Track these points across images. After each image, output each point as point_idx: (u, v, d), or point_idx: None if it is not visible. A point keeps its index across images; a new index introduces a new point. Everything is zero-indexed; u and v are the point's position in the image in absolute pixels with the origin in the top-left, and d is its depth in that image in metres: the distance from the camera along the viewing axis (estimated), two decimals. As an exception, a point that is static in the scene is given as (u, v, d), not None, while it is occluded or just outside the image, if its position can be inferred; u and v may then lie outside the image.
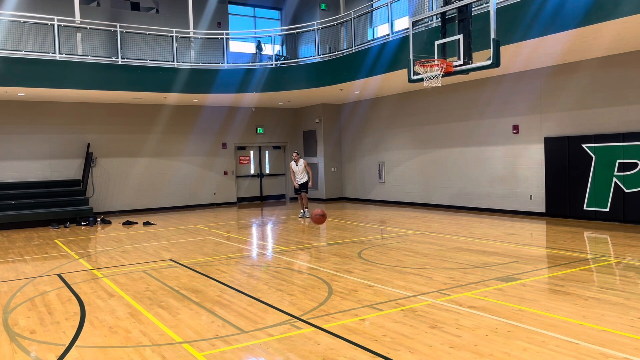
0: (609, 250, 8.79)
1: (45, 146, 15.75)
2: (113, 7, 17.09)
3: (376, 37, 16.05)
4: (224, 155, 18.99)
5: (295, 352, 4.48)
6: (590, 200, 11.71)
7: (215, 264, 8.45)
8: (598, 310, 5.37)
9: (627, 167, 11.04)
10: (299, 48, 18.52)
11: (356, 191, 19.06)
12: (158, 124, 17.50)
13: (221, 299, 6.30)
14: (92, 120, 16.41)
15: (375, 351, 4.42)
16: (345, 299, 6.10)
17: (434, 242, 9.89)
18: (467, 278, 6.91)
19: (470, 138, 14.58)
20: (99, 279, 7.59)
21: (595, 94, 11.70)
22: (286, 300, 6.13)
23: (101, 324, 5.45)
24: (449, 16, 8.83)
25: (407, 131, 16.69)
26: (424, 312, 5.48)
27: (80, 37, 13.83)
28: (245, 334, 4.98)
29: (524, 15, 9.66)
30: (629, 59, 11.05)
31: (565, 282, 6.55)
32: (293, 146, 20.52)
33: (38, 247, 10.80)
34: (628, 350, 4.28)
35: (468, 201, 14.69)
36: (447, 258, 8.30)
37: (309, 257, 8.82)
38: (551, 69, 12.43)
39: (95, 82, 13.76)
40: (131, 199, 17.08)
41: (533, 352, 4.29)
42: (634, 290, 6.10)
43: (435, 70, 8.70)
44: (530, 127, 13.02)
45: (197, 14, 16.53)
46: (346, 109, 19.23)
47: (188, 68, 14.88)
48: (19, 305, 6.28)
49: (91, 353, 4.63)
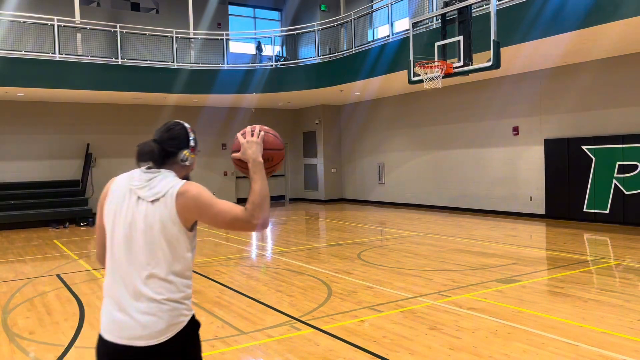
0: (608, 252, 8.78)
1: (45, 146, 15.74)
2: (113, 8, 17.09)
3: (376, 38, 16.06)
4: (224, 156, 18.98)
5: (295, 353, 4.47)
6: (590, 202, 11.70)
7: (215, 265, 8.45)
8: (598, 312, 5.36)
9: (627, 169, 11.04)
10: (299, 49, 18.52)
11: (356, 192, 19.05)
12: (158, 125, 17.09)
13: (220, 300, 6.29)
14: (91, 120, 16.39)
15: (375, 352, 4.41)
16: (344, 300, 6.09)
17: (434, 243, 9.88)
18: (467, 280, 6.90)
19: (470, 140, 14.58)
20: (98, 280, 7.58)
21: (596, 96, 11.71)
22: (286, 301, 6.12)
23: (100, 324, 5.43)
24: (449, 17, 8.84)
25: (406, 132, 16.69)
26: (424, 313, 5.47)
27: (80, 38, 13.83)
28: (245, 335, 4.97)
29: (524, 16, 9.66)
30: (629, 60, 11.05)
31: (565, 284, 6.55)
32: (293, 147, 20.52)
33: (37, 247, 10.79)
34: (627, 352, 4.27)
35: (468, 203, 14.69)
36: (446, 260, 8.30)
37: (309, 258, 8.81)
38: (551, 70, 12.43)
39: (95, 82, 13.75)
40: (131, 199, 17.03)
41: (532, 354, 4.28)
42: (633, 292, 6.10)
43: (435, 71, 8.70)
44: (530, 128, 13.02)
45: (197, 14, 16.52)
46: (346, 110, 19.23)
47: (188, 69, 14.88)
48: (18, 306, 6.27)
49: (90, 354, 4.62)
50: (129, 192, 2.19)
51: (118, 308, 2.13)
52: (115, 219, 2.18)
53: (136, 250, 2.12)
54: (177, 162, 2.28)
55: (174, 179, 2.20)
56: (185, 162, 2.29)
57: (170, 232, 2.11)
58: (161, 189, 2.15)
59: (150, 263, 2.11)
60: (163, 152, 2.24)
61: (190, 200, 2.13)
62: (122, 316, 2.11)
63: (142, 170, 2.23)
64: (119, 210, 2.18)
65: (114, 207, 2.20)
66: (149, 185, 2.17)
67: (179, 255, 2.14)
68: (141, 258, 2.12)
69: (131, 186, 2.20)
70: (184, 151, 2.30)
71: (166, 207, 2.12)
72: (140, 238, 2.12)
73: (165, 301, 2.10)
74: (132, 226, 2.13)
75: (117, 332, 2.12)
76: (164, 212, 2.12)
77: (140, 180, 2.19)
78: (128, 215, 2.15)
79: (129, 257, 2.13)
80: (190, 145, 2.32)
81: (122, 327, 2.11)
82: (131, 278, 2.11)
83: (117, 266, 2.15)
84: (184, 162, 2.29)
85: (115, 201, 2.21)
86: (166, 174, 2.20)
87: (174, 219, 2.11)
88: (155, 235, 2.11)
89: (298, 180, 20.60)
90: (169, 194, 2.13)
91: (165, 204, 2.12)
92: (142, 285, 2.10)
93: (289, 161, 20.60)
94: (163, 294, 2.10)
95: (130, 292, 2.11)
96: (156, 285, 2.10)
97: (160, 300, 2.10)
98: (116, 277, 2.15)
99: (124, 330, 2.11)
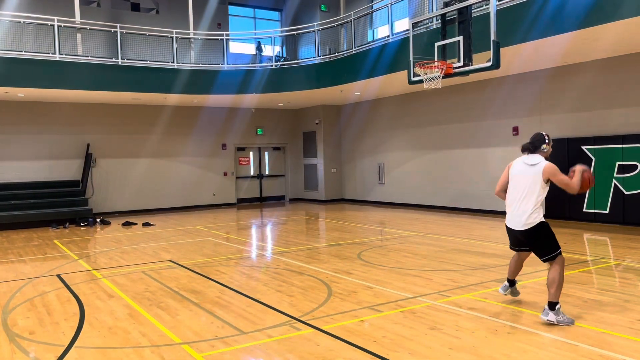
0: (608, 252, 8.79)
1: (45, 147, 15.74)
2: (113, 8, 17.10)
3: (376, 38, 16.06)
4: (224, 156, 18.98)
5: (295, 353, 4.48)
6: (589, 202, 11.71)
7: (215, 265, 8.45)
8: (597, 312, 5.37)
9: (626, 169, 11.04)
10: (299, 49, 18.51)
11: (356, 192, 19.05)
12: (158, 125, 17.50)
13: (220, 299, 6.30)
14: (91, 120, 16.40)
15: (375, 352, 4.42)
16: (344, 300, 6.09)
17: (434, 243, 9.88)
18: (467, 280, 6.90)
19: (470, 140, 14.59)
20: (98, 280, 7.58)
21: (595, 96, 11.71)
22: (286, 301, 6.13)
23: (100, 324, 5.45)
24: (449, 18, 8.84)
25: (406, 133, 16.69)
26: (424, 313, 5.47)
27: (80, 38, 13.84)
28: (245, 335, 4.98)
29: (524, 17, 9.66)
30: (629, 60, 11.05)
31: (565, 283, 6.53)
32: (293, 147, 20.53)
33: (37, 247, 10.80)
34: (627, 352, 4.27)
35: (468, 203, 14.69)
36: (446, 259, 8.30)
37: (309, 258, 8.81)
38: (551, 70, 12.44)
39: (95, 82, 13.76)
40: (131, 199, 17.07)
41: (532, 354, 4.28)
42: (633, 292, 6.10)
43: (435, 71, 8.70)
44: (530, 128, 12.99)
45: (197, 14, 16.53)
46: (346, 110, 19.24)
47: (188, 69, 14.88)
48: (18, 306, 6.27)
49: (90, 354, 4.62)
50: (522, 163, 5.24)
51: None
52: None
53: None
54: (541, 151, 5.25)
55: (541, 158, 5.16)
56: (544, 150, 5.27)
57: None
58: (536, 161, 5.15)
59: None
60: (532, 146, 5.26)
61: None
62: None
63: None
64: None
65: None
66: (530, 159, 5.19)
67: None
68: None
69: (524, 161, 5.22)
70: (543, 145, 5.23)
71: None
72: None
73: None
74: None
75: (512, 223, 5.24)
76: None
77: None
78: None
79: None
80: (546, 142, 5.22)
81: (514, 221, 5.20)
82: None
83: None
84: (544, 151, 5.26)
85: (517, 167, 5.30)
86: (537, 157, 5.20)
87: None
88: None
89: (298, 180, 20.60)
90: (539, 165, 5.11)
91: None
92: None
93: (289, 161, 20.62)
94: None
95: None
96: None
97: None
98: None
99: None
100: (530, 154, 5.20)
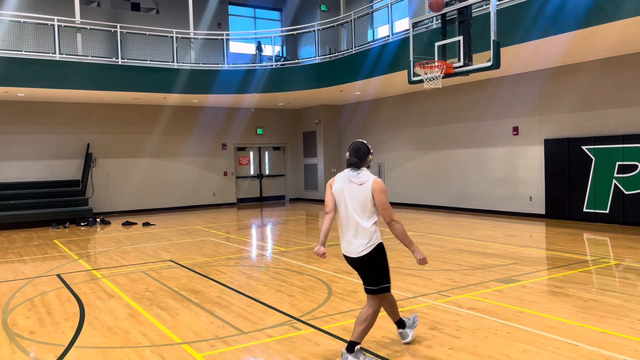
0: (608, 252, 8.78)
1: (45, 146, 15.75)
2: (113, 8, 17.10)
3: (376, 38, 16.06)
4: (224, 156, 18.98)
5: (295, 353, 4.48)
6: (590, 202, 11.71)
7: (215, 265, 8.45)
8: (598, 312, 5.36)
9: (626, 169, 11.05)
10: (299, 49, 18.52)
11: (356, 192, 19.01)
12: (158, 125, 17.50)
13: (221, 299, 6.30)
14: (92, 120, 16.40)
15: (375, 352, 4.42)
16: (344, 300, 6.09)
17: (434, 243, 9.88)
18: (467, 279, 6.90)
19: (470, 140, 14.59)
20: (98, 280, 7.58)
21: (595, 96, 11.71)
22: (286, 301, 6.13)
23: (100, 324, 5.45)
24: (449, 17, 8.83)
25: (407, 133, 16.69)
26: (424, 313, 5.47)
27: (81, 38, 13.83)
28: (245, 335, 4.98)
29: (524, 16, 9.66)
30: (629, 60, 11.05)
31: (564, 283, 6.55)
32: (293, 147, 20.52)
33: (37, 247, 10.80)
34: (628, 352, 4.27)
35: (468, 203, 14.69)
36: (446, 259, 8.30)
37: (309, 258, 8.81)
38: (551, 70, 12.44)
39: (95, 82, 13.76)
40: (131, 199, 17.07)
41: (532, 354, 4.28)
42: (633, 292, 6.10)
43: (435, 71, 8.69)
44: (530, 128, 13.02)
45: (197, 14, 16.53)
46: (346, 110, 19.23)
47: (188, 69, 14.88)
48: (18, 306, 6.27)
49: (90, 354, 4.62)
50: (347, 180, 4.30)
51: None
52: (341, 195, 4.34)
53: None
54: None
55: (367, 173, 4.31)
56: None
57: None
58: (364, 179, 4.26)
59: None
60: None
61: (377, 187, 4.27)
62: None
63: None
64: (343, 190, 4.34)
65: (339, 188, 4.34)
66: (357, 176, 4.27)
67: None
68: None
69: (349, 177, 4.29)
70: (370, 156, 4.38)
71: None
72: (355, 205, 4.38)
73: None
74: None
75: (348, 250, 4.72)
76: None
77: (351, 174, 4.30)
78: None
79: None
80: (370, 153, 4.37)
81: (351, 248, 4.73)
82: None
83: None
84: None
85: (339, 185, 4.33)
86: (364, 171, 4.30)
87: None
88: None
89: (298, 180, 20.60)
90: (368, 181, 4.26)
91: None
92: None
93: (289, 161, 20.61)
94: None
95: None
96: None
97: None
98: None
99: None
100: (356, 169, 4.26)
